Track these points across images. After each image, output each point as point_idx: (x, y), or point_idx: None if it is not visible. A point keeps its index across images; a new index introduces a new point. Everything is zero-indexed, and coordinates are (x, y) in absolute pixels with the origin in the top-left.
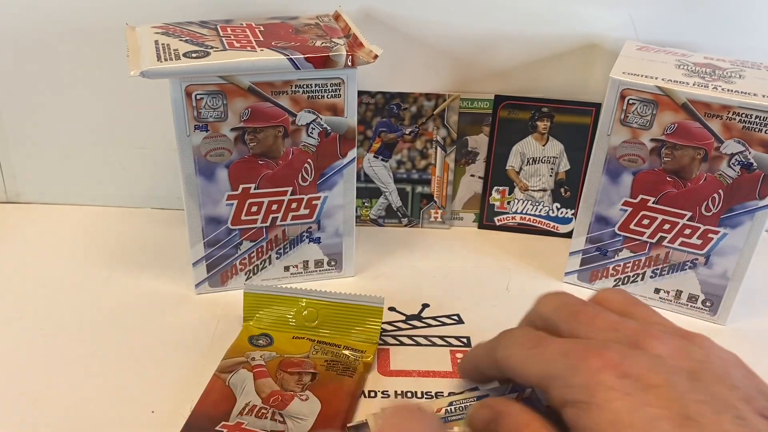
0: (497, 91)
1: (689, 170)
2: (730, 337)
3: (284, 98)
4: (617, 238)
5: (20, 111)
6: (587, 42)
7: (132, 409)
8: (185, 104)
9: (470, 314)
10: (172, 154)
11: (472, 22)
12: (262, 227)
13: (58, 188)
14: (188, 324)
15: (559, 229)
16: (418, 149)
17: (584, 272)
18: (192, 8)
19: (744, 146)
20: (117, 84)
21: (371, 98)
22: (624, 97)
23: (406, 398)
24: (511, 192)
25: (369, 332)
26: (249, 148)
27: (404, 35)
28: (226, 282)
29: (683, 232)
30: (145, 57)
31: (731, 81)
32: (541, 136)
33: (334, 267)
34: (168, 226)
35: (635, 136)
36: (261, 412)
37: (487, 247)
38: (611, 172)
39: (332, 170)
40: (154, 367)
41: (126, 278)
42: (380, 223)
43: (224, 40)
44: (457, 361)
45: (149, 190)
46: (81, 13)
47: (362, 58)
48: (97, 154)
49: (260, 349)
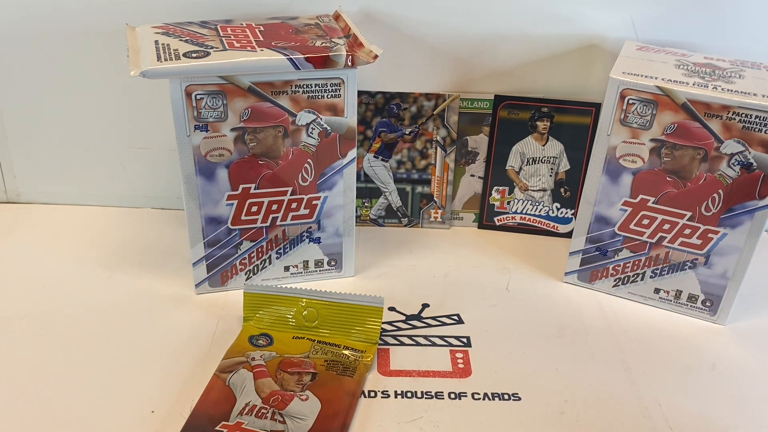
0: (497, 91)
1: (689, 170)
2: (730, 337)
3: (284, 98)
4: (617, 238)
5: (20, 111)
6: (587, 42)
7: (132, 409)
8: (185, 104)
9: (470, 314)
10: (172, 154)
11: (472, 22)
12: (262, 227)
13: (58, 188)
14: (188, 324)
15: (559, 229)
16: (418, 149)
17: (584, 272)
18: (192, 8)
19: (744, 146)
20: (117, 84)
21: (371, 98)
22: (624, 97)
23: (406, 398)
24: (511, 192)
25: (369, 332)
26: (249, 148)
27: (404, 35)
28: (226, 282)
29: (683, 232)
30: (145, 57)
31: (731, 81)
32: (541, 136)
33: (334, 267)
34: (168, 226)
35: (635, 136)
36: (261, 412)
37: (487, 247)
38: (611, 172)
39: (332, 170)
40: (154, 367)
41: (126, 278)
42: (380, 223)
43: (224, 40)
44: (457, 361)
45: (149, 190)
46: (81, 13)
47: (362, 58)
48: (97, 154)
49: (260, 349)
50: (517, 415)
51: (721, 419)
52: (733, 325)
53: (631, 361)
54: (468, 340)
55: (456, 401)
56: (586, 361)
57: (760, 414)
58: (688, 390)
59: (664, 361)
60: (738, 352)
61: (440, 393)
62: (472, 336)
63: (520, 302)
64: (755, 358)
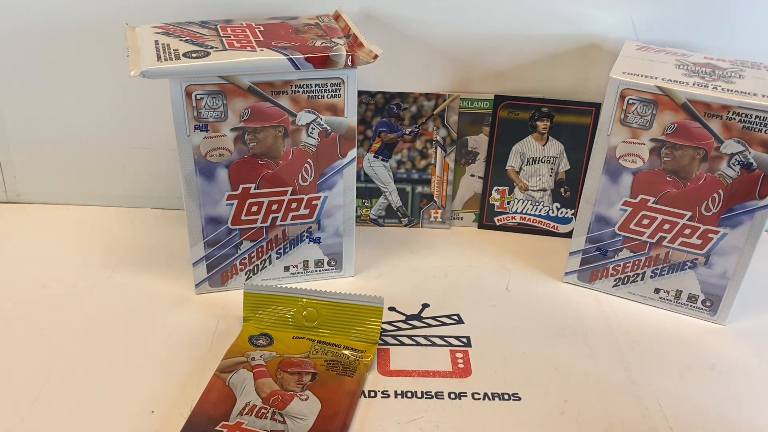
0: (497, 91)
1: (689, 170)
2: (730, 337)
3: (284, 98)
4: (617, 238)
5: (20, 111)
6: (587, 42)
7: (132, 409)
8: (185, 104)
9: (470, 314)
10: (172, 154)
11: (472, 22)
12: (262, 227)
13: (58, 188)
14: (188, 324)
15: (559, 229)
16: (418, 149)
17: (584, 272)
18: (192, 8)
19: (744, 146)
20: (117, 84)
21: (371, 98)
22: (624, 97)
23: (406, 398)
24: (511, 192)
25: (369, 332)
26: (249, 148)
27: (404, 35)
28: (226, 282)
29: (683, 232)
30: (145, 57)
31: (731, 81)
32: (540, 136)
33: (334, 267)
34: (168, 226)
35: (635, 136)
36: (261, 412)
37: (487, 247)
38: (611, 172)
39: (332, 170)
40: (154, 367)
41: (126, 278)
42: (380, 223)
43: (224, 40)
44: (457, 361)
45: (149, 190)
46: (81, 13)
47: (362, 58)
48: (97, 154)
49: (260, 349)
50: (517, 415)
51: (720, 419)
52: (733, 325)
53: (631, 361)
54: (468, 340)
55: (456, 401)
56: (586, 361)
57: (759, 414)
58: (688, 390)
59: (664, 361)
60: (738, 352)
61: (440, 393)
62: (472, 336)
63: (520, 302)
64: (755, 358)
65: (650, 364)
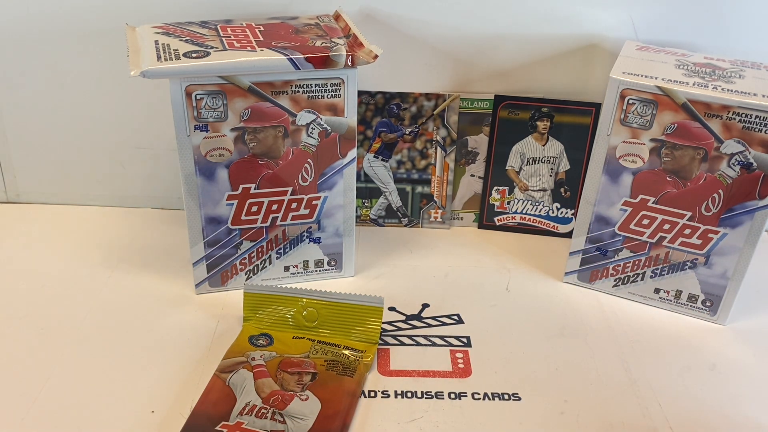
0: (497, 91)
1: (689, 170)
2: (730, 337)
3: (284, 98)
4: (617, 238)
5: (20, 111)
6: (587, 42)
7: (132, 409)
8: (185, 104)
9: (470, 314)
10: (172, 154)
11: (473, 22)
12: (262, 227)
13: (58, 188)
14: (188, 324)
15: (559, 229)
16: (418, 149)
17: (584, 272)
18: (192, 8)
19: (744, 146)
20: (117, 84)
21: (371, 98)
22: (624, 97)
23: (406, 398)
24: (511, 192)
25: (369, 332)
26: (249, 148)
27: (404, 35)
28: (226, 282)
29: (683, 232)
30: (145, 57)
31: (731, 81)
32: (541, 136)
33: (334, 267)
34: (168, 226)
35: (635, 136)
36: (261, 412)
37: (487, 247)
38: (611, 172)
39: (332, 170)
40: (154, 367)
41: (126, 278)
42: (380, 223)
43: (224, 40)
44: (457, 361)
45: (149, 190)
46: (81, 13)
47: (362, 58)
48: (97, 154)
49: (260, 349)
50: (517, 415)
51: (720, 419)
52: (733, 325)
53: (631, 361)
54: (468, 340)
55: (456, 401)
56: (586, 361)
57: (759, 414)
58: (688, 390)
59: (664, 361)
60: (738, 352)
61: (440, 393)
62: (472, 336)
63: (520, 302)
64: (755, 358)
65: (650, 364)
